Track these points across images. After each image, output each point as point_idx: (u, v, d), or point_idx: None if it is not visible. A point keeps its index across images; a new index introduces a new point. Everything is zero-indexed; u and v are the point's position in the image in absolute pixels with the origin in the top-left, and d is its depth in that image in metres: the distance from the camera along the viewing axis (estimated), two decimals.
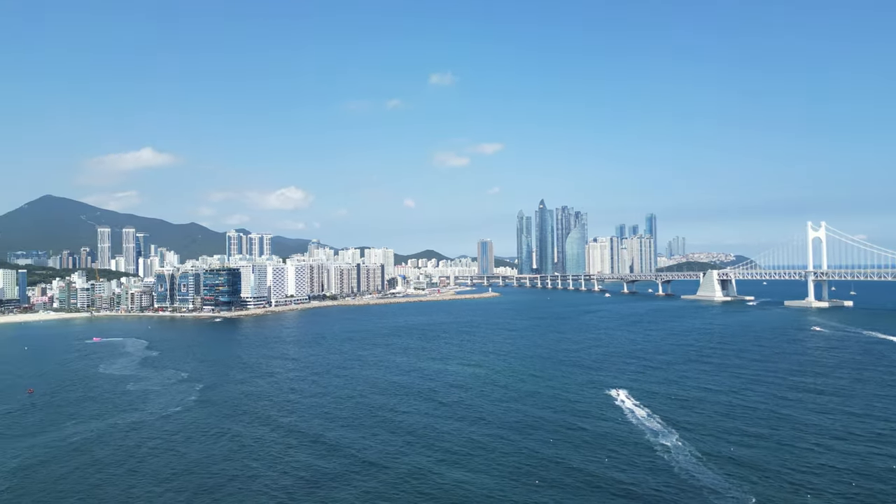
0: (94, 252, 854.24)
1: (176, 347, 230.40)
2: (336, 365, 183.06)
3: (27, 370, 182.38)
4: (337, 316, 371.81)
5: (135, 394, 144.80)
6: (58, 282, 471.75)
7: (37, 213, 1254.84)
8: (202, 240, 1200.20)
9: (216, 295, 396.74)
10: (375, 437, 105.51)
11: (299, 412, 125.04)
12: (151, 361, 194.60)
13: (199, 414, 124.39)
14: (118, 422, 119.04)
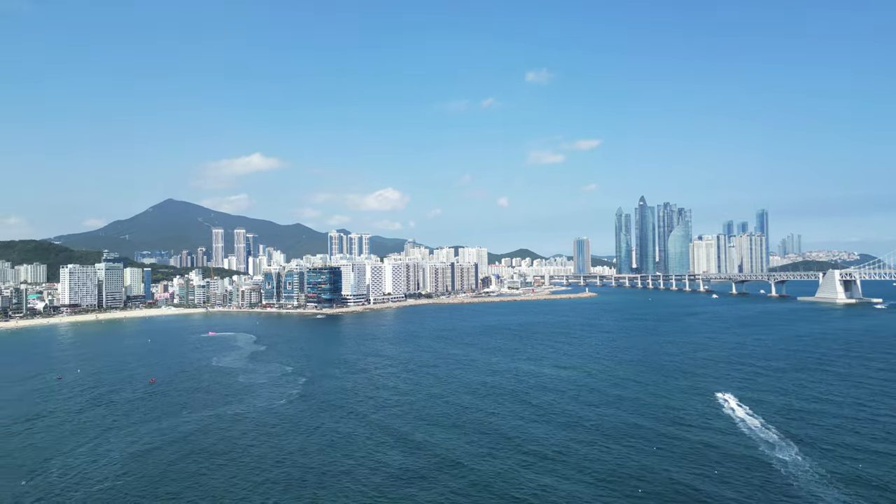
0: (209, 251, 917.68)
1: (281, 342, 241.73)
2: (428, 363, 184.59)
3: (150, 361, 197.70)
4: (431, 314, 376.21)
5: (243, 386, 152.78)
6: (178, 279, 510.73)
7: (160, 215, 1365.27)
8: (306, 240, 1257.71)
9: (319, 292, 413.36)
10: (463, 436, 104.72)
11: (390, 409, 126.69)
12: (259, 356, 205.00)
13: (301, 408, 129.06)
14: (227, 412, 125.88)
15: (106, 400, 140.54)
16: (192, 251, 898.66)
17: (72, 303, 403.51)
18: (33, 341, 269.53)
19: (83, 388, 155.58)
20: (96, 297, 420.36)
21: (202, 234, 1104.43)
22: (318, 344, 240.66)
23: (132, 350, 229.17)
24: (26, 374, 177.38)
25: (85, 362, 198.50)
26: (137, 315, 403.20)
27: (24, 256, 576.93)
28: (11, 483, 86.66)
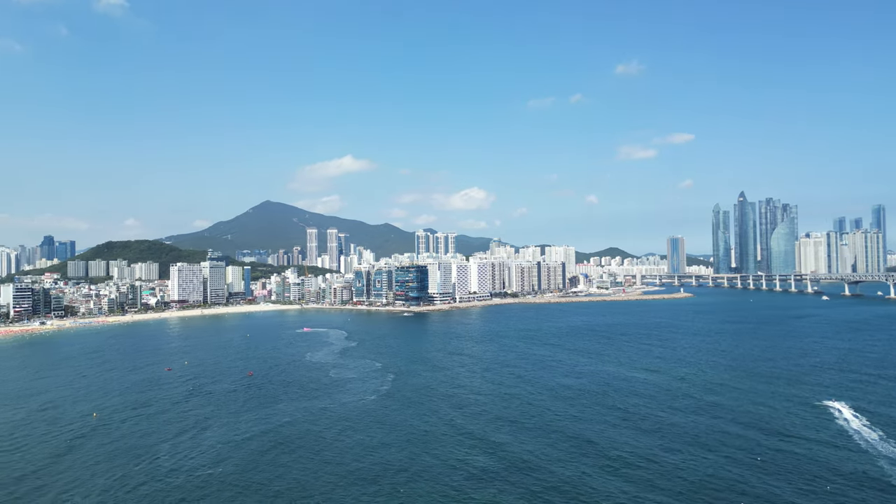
0: (304, 250, 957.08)
1: (371, 339, 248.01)
2: (511, 363, 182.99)
3: (249, 355, 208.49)
4: (516, 313, 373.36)
5: (334, 381, 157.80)
6: (275, 277, 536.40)
7: (259, 216, 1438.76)
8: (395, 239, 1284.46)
9: (406, 290, 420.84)
10: (545, 439, 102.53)
11: (473, 408, 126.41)
12: (350, 351, 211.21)
13: (388, 404, 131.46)
14: (317, 406, 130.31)
15: (207, 391, 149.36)
16: (288, 250, 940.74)
17: (180, 298, 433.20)
18: (147, 334, 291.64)
19: (188, 378, 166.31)
20: (202, 293, 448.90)
21: (297, 233, 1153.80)
22: (405, 341, 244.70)
23: (233, 344, 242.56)
24: (140, 364, 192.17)
25: (190, 354, 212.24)
26: (238, 311, 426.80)
27: (139, 255, 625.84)
28: (123, 466, 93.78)
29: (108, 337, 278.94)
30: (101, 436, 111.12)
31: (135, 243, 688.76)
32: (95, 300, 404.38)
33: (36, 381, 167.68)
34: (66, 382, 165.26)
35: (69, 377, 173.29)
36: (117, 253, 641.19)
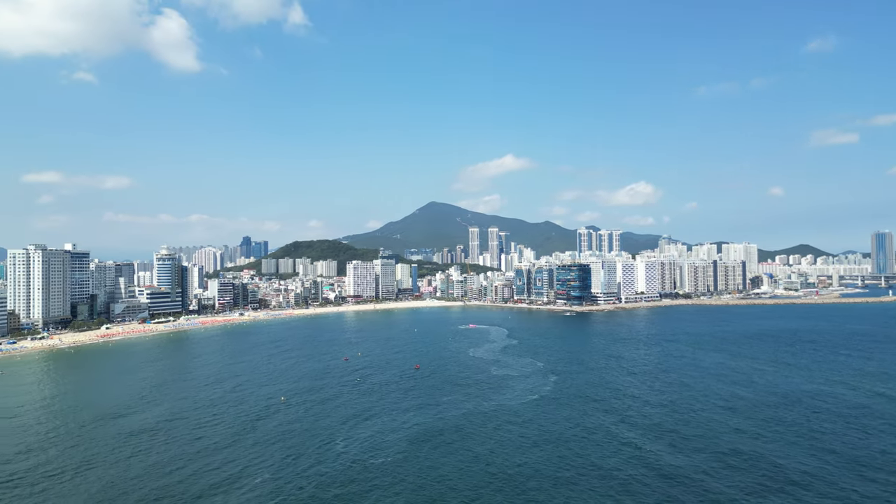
0: (466, 249, 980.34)
1: (532, 337, 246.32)
2: (680, 369, 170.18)
3: (416, 348, 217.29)
4: (689, 316, 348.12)
5: (496, 378, 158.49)
6: (439, 275, 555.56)
7: (425, 216, 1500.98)
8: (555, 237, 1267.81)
9: (568, 289, 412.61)
10: (715, 459, 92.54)
11: (632, 415, 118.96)
12: (511, 349, 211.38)
13: (548, 405, 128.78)
14: (480, 403, 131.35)
15: (378, 381, 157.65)
16: (452, 249, 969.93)
17: (355, 294, 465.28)
18: (326, 326, 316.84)
19: (362, 368, 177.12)
20: (374, 289, 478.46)
21: (460, 232, 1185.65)
22: (567, 341, 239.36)
23: (401, 337, 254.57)
24: (321, 353, 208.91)
25: (364, 346, 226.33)
26: (406, 306, 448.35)
27: (321, 254, 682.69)
28: (299, 446, 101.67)
29: (293, 328, 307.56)
30: (284, 417, 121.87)
31: (317, 243, 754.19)
32: (284, 294, 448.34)
33: (232, 365, 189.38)
34: (256, 367, 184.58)
35: (258, 362, 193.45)
36: (302, 252, 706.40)
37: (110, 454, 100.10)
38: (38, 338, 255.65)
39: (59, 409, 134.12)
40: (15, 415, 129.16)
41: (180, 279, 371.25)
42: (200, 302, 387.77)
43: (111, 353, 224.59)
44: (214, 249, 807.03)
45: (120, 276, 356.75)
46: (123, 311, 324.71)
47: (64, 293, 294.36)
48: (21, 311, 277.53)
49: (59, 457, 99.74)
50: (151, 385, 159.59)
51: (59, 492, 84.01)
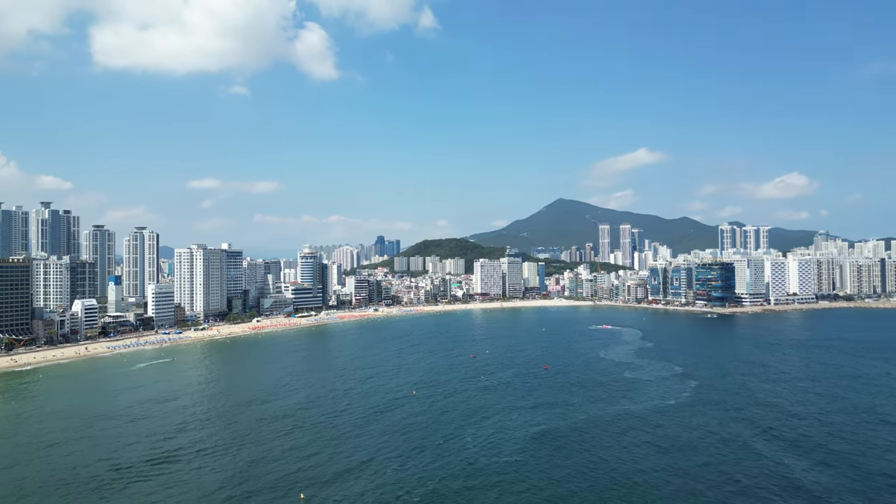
0: (596, 247, 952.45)
1: (669, 340, 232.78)
2: (829, 378, 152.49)
3: (544, 348, 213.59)
4: (850, 320, 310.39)
5: (629, 381, 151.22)
6: (568, 273, 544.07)
7: (552, 214, 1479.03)
8: (694, 234, 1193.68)
9: (708, 290, 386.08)
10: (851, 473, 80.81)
11: (784, 430, 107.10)
12: (646, 352, 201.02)
13: (686, 413, 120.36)
14: (612, 406, 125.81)
15: (505, 380, 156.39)
16: (581, 247, 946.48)
17: (482, 291, 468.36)
18: (454, 322, 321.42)
19: (489, 366, 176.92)
20: (501, 287, 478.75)
21: (589, 230, 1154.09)
22: (710, 345, 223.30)
23: (529, 337, 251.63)
24: (449, 349, 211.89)
25: (491, 344, 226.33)
26: (533, 305, 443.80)
27: (449, 252, 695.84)
28: (426, 439, 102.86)
29: (423, 324, 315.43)
30: (412, 409, 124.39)
31: (445, 241, 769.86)
32: (414, 291, 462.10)
33: (365, 357, 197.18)
34: (387, 360, 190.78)
35: (390, 356, 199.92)
36: (432, 250, 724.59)
37: (255, 436, 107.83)
38: (200, 328, 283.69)
39: (213, 393, 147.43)
40: (177, 396, 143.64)
41: (321, 276, 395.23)
42: (339, 298, 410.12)
43: (260, 344, 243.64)
44: (351, 248, 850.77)
45: (268, 273, 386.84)
46: (271, 305, 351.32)
47: (221, 288, 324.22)
48: (186, 304, 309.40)
49: (212, 436, 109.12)
50: (294, 374, 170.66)
51: (212, 468, 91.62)
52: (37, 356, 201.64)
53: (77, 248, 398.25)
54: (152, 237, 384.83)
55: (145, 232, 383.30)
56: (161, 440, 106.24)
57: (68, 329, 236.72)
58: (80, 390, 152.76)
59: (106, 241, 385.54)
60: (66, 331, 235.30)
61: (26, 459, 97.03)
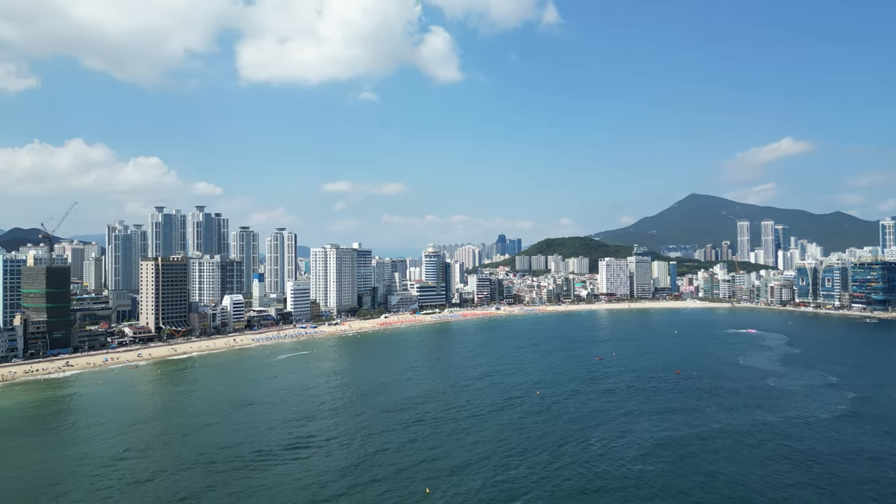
0: (734, 245, 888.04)
1: (820, 347, 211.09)
2: None
3: (675, 351, 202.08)
4: None
5: (774, 391, 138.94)
6: (702, 273, 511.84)
7: (684, 210, 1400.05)
8: (848, 230, 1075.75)
9: (867, 292, 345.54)
10: None
11: None
12: (793, 359, 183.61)
13: (842, 427, 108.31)
14: (752, 416, 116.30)
15: (633, 384, 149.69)
16: (716, 245, 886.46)
17: (608, 291, 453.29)
18: (578, 323, 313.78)
19: (616, 369, 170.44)
20: (628, 287, 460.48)
21: (726, 227, 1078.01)
22: (868, 354, 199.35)
23: (659, 340, 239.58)
24: (574, 350, 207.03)
25: (617, 345, 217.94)
26: (663, 306, 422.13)
27: (572, 251, 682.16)
28: (553, 444, 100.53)
29: (545, 323, 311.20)
30: (534, 409, 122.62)
31: (568, 240, 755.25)
32: (536, 290, 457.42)
33: (486, 355, 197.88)
34: (509, 358, 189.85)
35: (511, 354, 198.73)
36: (554, 249, 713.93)
37: (379, 426, 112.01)
38: (333, 323, 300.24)
39: (342, 384, 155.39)
40: (311, 386, 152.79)
41: (444, 274, 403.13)
42: (461, 296, 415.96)
43: (387, 339, 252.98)
44: (473, 247, 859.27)
45: (395, 271, 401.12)
46: (398, 302, 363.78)
47: (352, 285, 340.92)
48: (320, 300, 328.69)
49: (340, 425, 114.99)
50: (417, 368, 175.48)
51: (341, 455, 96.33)
52: (192, 346, 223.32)
53: (226, 247, 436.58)
54: (291, 237, 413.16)
55: (285, 232, 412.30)
56: (296, 426, 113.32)
57: (219, 322, 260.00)
58: (227, 378, 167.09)
59: (251, 241, 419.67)
60: (217, 323, 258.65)
61: (182, 438, 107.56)
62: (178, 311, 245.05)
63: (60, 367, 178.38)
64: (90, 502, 78.61)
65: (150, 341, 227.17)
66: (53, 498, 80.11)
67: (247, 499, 78.63)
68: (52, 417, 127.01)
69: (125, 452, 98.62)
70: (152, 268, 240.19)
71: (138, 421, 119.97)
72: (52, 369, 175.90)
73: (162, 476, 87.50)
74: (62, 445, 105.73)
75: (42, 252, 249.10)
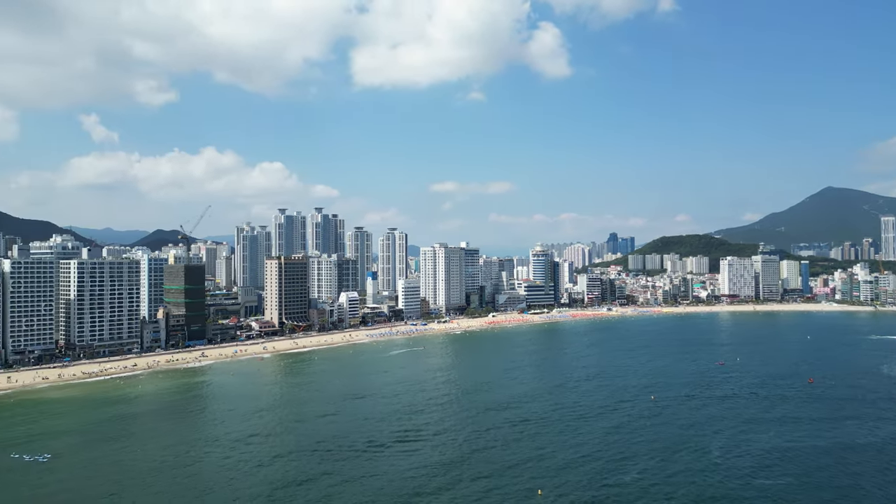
0: (876, 242, 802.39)
1: None
2: None
3: (808, 358, 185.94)
4: None
5: None
6: (839, 273, 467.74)
7: (817, 205, 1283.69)
8: None
9: None
10: None
11: None
12: None
13: None
14: (889, 428, 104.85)
15: (758, 392, 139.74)
16: (856, 243, 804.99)
17: (730, 293, 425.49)
18: (697, 326, 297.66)
19: (739, 376, 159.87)
20: (753, 288, 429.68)
21: (868, 223, 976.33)
22: None
23: (790, 345, 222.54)
24: (692, 354, 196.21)
25: (742, 351, 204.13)
26: (794, 309, 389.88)
27: (690, 249, 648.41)
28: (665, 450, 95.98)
29: (661, 326, 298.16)
30: (650, 414, 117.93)
31: (686, 238, 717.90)
32: (651, 291, 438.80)
33: (597, 357, 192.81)
34: (621, 361, 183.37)
35: (624, 357, 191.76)
36: (670, 247, 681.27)
37: (485, 423, 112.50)
38: (441, 321, 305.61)
39: (450, 379, 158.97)
40: (420, 381, 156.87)
41: (552, 274, 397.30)
42: (570, 296, 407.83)
43: (494, 338, 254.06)
44: (583, 246, 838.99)
45: (502, 270, 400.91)
46: (505, 301, 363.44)
47: (460, 284, 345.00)
48: (430, 298, 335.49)
49: (446, 419, 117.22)
50: (522, 367, 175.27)
51: (448, 448, 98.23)
52: (311, 340, 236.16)
53: (342, 247, 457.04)
54: (402, 237, 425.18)
55: (396, 232, 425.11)
56: (406, 419, 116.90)
57: (336, 317, 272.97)
58: (343, 371, 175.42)
59: (364, 240, 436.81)
60: (334, 319, 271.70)
61: (301, 426, 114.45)
62: (298, 307, 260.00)
63: (197, 358, 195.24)
64: (218, 480, 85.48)
65: (274, 335, 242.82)
66: (189, 475, 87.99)
67: (360, 485, 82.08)
68: (189, 402, 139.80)
69: (250, 438, 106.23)
70: (276, 266, 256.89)
71: (262, 409, 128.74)
72: (190, 359, 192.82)
73: (281, 460, 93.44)
74: (196, 428, 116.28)
75: (181, 252, 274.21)
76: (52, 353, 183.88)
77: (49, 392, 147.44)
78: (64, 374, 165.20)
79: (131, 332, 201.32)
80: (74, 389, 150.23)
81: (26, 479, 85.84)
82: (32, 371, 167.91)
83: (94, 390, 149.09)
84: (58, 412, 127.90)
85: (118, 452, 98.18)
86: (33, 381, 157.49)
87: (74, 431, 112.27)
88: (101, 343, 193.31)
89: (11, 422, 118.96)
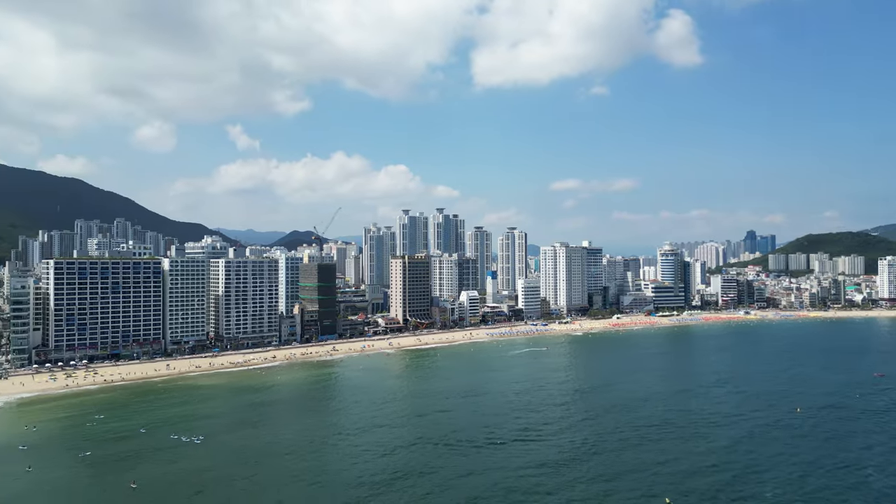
0: None
1: None
2: None
3: None
4: None
5: None
6: None
7: None
8: None
9: None
10: None
11: None
12: None
13: None
14: None
15: None
16: None
17: (891, 296, 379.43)
18: (858, 332, 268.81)
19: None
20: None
21: None
22: None
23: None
24: (845, 364, 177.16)
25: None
26: None
27: (842, 249, 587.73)
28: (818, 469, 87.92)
29: (807, 331, 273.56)
30: (787, 426, 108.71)
31: (836, 236, 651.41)
32: (796, 293, 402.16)
33: (733, 363, 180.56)
34: (761, 369, 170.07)
35: (765, 365, 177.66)
36: (817, 246, 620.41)
37: (606, 425, 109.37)
38: (563, 321, 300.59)
39: (567, 380, 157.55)
40: (541, 382, 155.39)
41: (682, 274, 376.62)
42: (703, 298, 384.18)
43: (618, 341, 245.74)
44: (716, 245, 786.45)
45: (627, 270, 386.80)
46: (631, 302, 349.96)
47: (582, 284, 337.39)
48: (550, 299, 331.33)
49: (567, 418, 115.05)
50: (650, 370, 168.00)
51: (566, 447, 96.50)
52: (434, 337, 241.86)
53: (462, 246, 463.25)
54: (521, 236, 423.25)
55: (515, 232, 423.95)
56: (525, 417, 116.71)
57: (457, 316, 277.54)
58: (464, 368, 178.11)
59: (484, 240, 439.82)
60: (455, 317, 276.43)
61: (423, 419, 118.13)
62: (421, 305, 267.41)
63: (328, 351, 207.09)
64: (341, 465, 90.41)
65: (399, 331, 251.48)
66: (318, 460, 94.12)
67: (478, 479, 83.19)
68: (320, 392, 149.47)
69: (374, 428, 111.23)
70: (400, 265, 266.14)
71: (387, 401, 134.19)
72: (322, 352, 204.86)
73: (403, 451, 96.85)
74: (326, 416, 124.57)
75: (314, 251, 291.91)
76: (204, 343, 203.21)
77: (200, 379, 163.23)
78: (214, 364, 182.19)
79: (271, 326, 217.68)
80: (221, 378, 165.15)
81: (186, 455, 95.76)
82: (187, 360, 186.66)
83: (239, 378, 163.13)
84: (207, 397, 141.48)
85: (258, 436, 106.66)
86: (188, 368, 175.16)
87: (222, 415, 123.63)
88: (245, 336, 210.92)
89: (170, 403, 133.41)
